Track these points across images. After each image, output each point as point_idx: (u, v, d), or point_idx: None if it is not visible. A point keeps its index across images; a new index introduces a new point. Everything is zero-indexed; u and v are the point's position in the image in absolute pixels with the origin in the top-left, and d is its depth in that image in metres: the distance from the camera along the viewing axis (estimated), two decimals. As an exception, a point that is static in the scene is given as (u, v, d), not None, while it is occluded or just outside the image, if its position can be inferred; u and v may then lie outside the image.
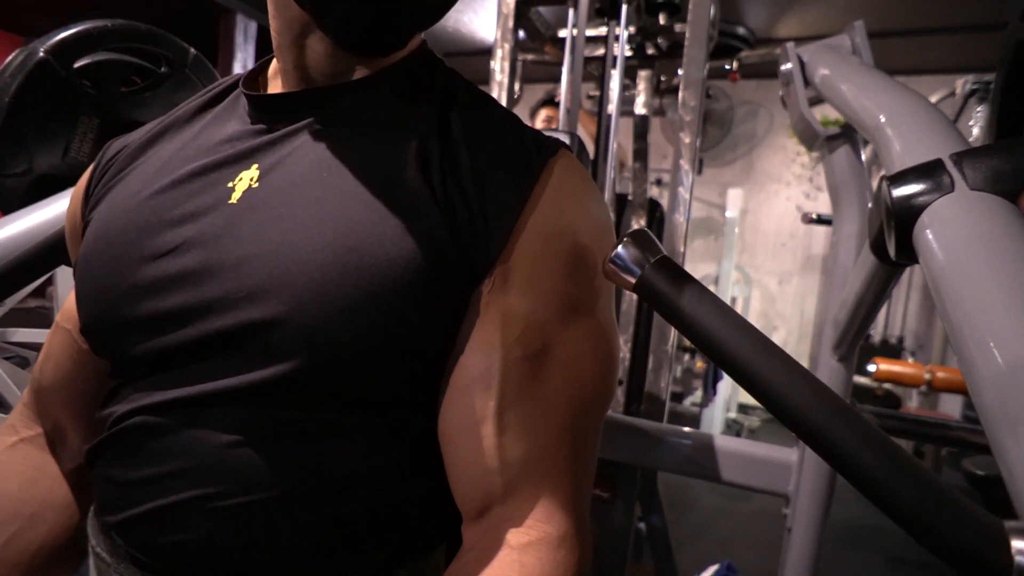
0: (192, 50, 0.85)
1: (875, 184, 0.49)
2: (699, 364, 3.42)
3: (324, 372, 0.36)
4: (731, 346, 0.28)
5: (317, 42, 0.41)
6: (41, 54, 0.66)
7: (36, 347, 2.18)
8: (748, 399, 4.10)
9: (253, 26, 3.92)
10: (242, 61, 3.90)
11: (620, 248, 0.30)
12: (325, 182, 0.39)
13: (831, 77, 0.76)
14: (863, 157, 0.86)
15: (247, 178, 0.40)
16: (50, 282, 1.78)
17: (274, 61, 0.47)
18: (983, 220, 0.36)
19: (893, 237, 0.43)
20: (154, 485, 0.37)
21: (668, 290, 0.29)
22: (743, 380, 0.28)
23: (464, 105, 0.42)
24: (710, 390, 3.25)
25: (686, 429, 0.97)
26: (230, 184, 0.40)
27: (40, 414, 0.51)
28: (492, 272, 0.38)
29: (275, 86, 0.46)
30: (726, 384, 3.41)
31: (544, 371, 0.37)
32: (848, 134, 0.85)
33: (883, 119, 0.54)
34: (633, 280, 0.30)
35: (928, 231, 0.39)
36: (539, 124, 1.95)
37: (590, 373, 0.38)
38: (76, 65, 0.70)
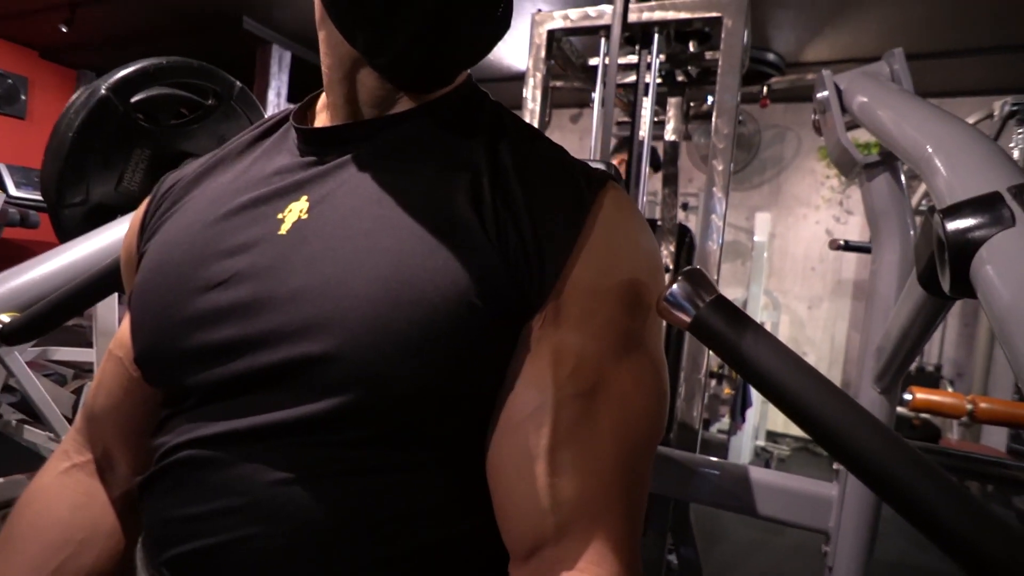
0: (238, 83, 0.88)
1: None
2: (727, 390, 3.34)
3: (376, 407, 0.36)
4: (790, 387, 0.27)
5: (367, 77, 0.43)
6: (103, 91, 0.70)
7: (74, 365, 2.24)
8: (777, 427, 3.99)
9: (288, 56, 4.08)
10: (276, 89, 4.04)
11: (675, 287, 0.30)
12: (375, 215, 0.39)
13: (870, 105, 0.75)
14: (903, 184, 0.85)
15: (296, 210, 0.41)
16: (92, 303, 1.83)
17: (322, 96, 0.48)
18: (1048, 257, 0.35)
19: (947, 271, 0.42)
20: (203, 523, 0.37)
21: (724, 330, 0.29)
22: (803, 422, 0.28)
23: (513, 137, 0.43)
24: (739, 417, 3.17)
25: (720, 460, 0.95)
26: (279, 216, 0.41)
27: (91, 440, 0.52)
28: (544, 307, 0.37)
29: (323, 120, 0.47)
30: (755, 411, 3.32)
31: (596, 409, 0.36)
32: (888, 161, 0.84)
33: (930, 149, 0.53)
34: (688, 319, 0.30)
35: (989, 266, 0.38)
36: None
37: (642, 410, 0.38)
38: (133, 100, 0.74)
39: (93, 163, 0.71)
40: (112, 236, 0.67)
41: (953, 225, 0.40)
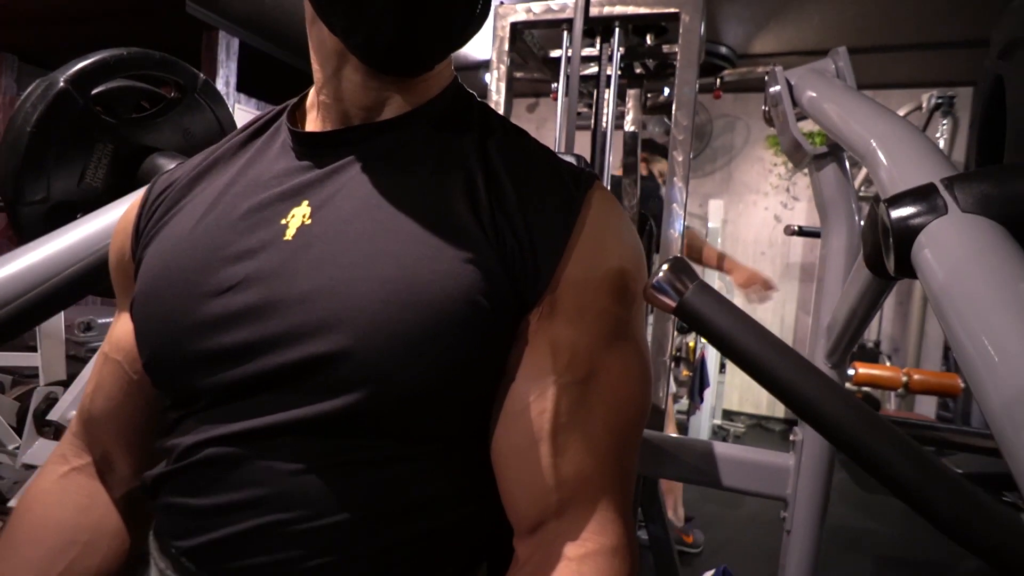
0: (201, 75, 0.86)
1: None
2: (684, 372, 3.47)
3: (387, 403, 0.38)
4: (768, 363, 0.31)
5: (352, 72, 0.43)
6: (61, 84, 0.67)
7: (12, 371, 2.12)
8: (732, 405, 4.17)
9: (235, 43, 3.92)
10: (225, 78, 3.89)
11: (661, 274, 0.33)
12: (376, 219, 0.41)
13: (818, 100, 0.81)
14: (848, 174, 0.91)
15: (299, 215, 0.42)
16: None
17: (311, 94, 0.49)
18: (977, 240, 0.40)
19: (892, 255, 0.46)
20: (230, 513, 0.39)
21: (707, 312, 0.32)
22: (777, 390, 0.31)
23: (501, 138, 0.45)
24: (697, 398, 3.29)
25: (686, 437, 1.00)
26: (283, 221, 0.42)
27: (89, 443, 0.52)
28: (540, 301, 0.40)
29: (312, 118, 0.48)
30: (711, 391, 3.46)
31: (591, 394, 0.39)
32: (835, 152, 0.90)
33: (874, 143, 0.58)
34: (674, 304, 0.33)
35: (926, 250, 0.42)
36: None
37: (632, 393, 0.41)
38: (92, 93, 0.71)
39: (53, 159, 0.69)
40: (79, 235, 0.65)
41: (896, 213, 0.45)
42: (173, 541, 0.41)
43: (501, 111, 1.33)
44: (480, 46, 3.73)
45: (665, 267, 0.33)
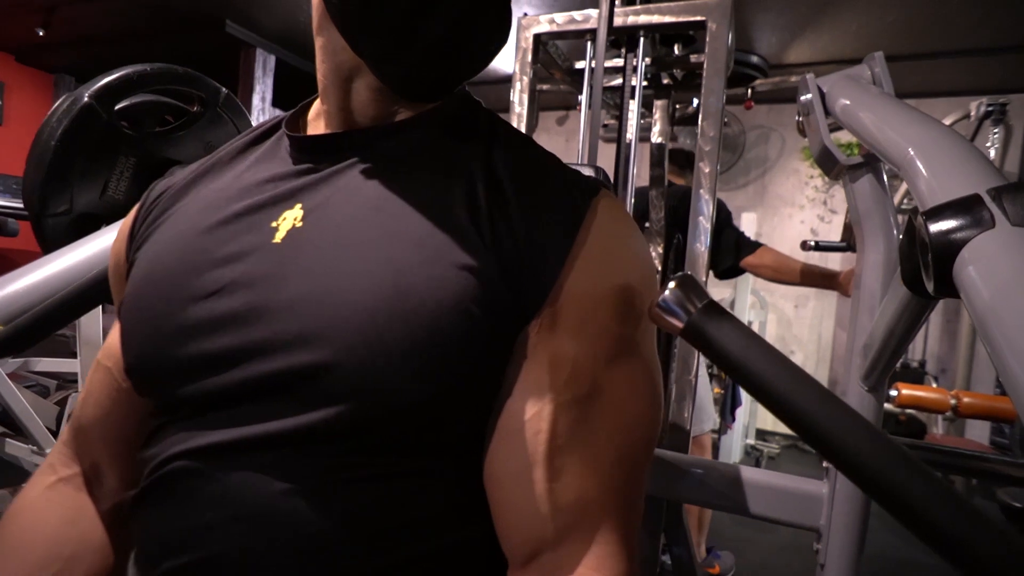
0: (224, 89, 0.88)
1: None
2: (716, 390, 3.37)
3: (373, 417, 0.36)
4: (780, 389, 0.28)
5: (364, 87, 0.43)
6: (86, 99, 0.69)
7: (57, 376, 2.21)
8: (767, 425, 4.03)
9: (272, 60, 4.05)
10: (261, 94, 4.01)
11: (667, 293, 0.31)
12: (372, 223, 0.39)
13: (852, 107, 0.77)
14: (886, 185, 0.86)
15: (291, 218, 0.41)
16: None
17: (315, 103, 0.48)
18: (1028, 257, 0.36)
19: (931, 272, 0.43)
20: (197, 534, 0.37)
21: (717, 335, 0.29)
22: (792, 422, 0.28)
23: (507, 146, 0.43)
24: (728, 417, 3.19)
25: (710, 460, 0.96)
26: (273, 224, 0.41)
27: (79, 453, 0.51)
28: (540, 314, 0.38)
29: (316, 127, 0.47)
30: (744, 410, 3.35)
31: (593, 414, 0.37)
32: (871, 163, 0.86)
33: (912, 152, 0.55)
34: (680, 325, 0.30)
35: (970, 267, 0.39)
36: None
37: (637, 415, 0.38)
38: (117, 107, 0.73)
39: (77, 172, 0.70)
40: (99, 246, 0.66)
41: (936, 227, 0.41)
42: (145, 564, 0.39)
43: (524, 124, 1.32)
44: (507, 60, 3.76)
45: (672, 284, 0.31)
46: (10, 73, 4.70)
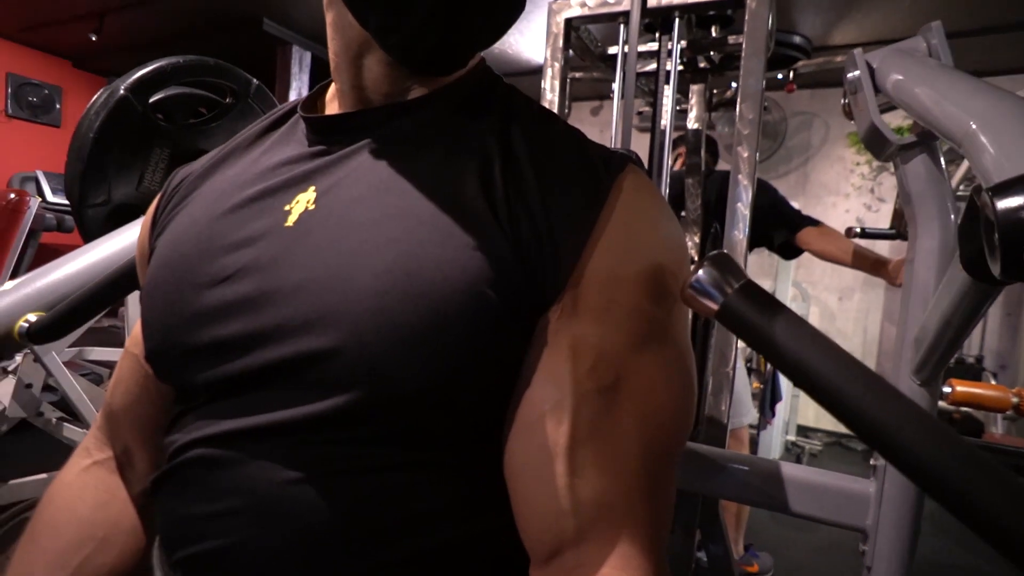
0: (255, 81, 0.89)
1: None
2: (755, 384, 3.28)
3: (385, 404, 0.35)
4: (827, 376, 0.25)
5: (375, 63, 0.41)
6: (122, 92, 0.71)
7: (110, 365, 2.31)
8: (808, 421, 3.90)
9: (308, 56, 4.12)
10: (297, 89, 4.09)
11: (701, 272, 0.28)
12: (384, 203, 0.38)
13: (906, 82, 0.72)
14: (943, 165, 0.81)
15: (304, 200, 0.40)
16: (123, 303, 1.89)
17: (332, 85, 0.47)
18: (1113, 234, 0.32)
19: (998, 253, 0.39)
20: (209, 523, 0.37)
21: (755, 317, 0.27)
22: (841, 413, 0.26)
23: (525, 121, 0.41)
24: (768, 411, 3.10)
25: (749, 455, 0.92)
26: (287, 207, 0.40)
27: (111, 437, 0.52)
28: (561, 297, 0.36)
29: (332, 108, 0.46)
30: (784, 405, 3.25)
31: (619, 405, 0.34)
32: (925, 141, 0.80)
33: (974, 125, 0.50)
34: (716, 306, 0.28)
35: (1044, 247, 0.35)
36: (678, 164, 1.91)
37: (667, 406, 0.36)
38: (151, 100, 0.75)
39: (114, 163, 0.72)
40: (132, 235, 0.68)
41: (1004, 203, 0.37)
42: (165, 550, 0.40)
43: (555, 112, 1.29)
44: (540, 49, 3.72)
45: (706, 264, 0.28)
46: (67, 78, 4.93)
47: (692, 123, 1.53)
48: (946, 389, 2.20)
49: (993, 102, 0.50)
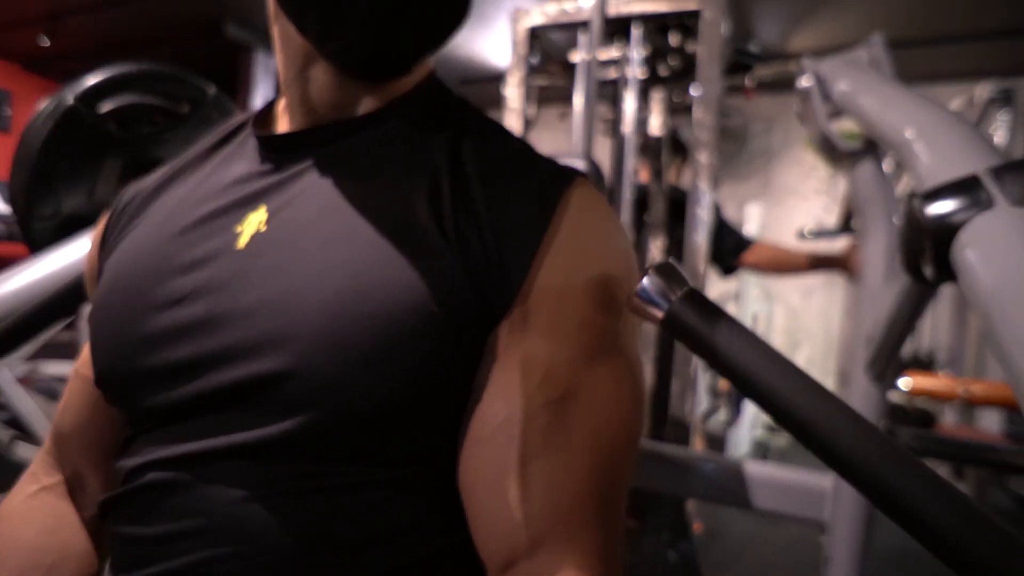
0: (212, 89, 0.87)
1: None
2: (723, 383, 3.35)
3: (337, 425, 0.35)
4: (765, 382, 0.27)
5: (321, 73, 0.41)
6: (70, 101, 0.68)
7: (65, 379, 2.23)
8: (775, 418, 4.00)
9: (272, 62, 4.05)
10: (263, 96, 4.02)
11: (646, 281, 0.29)
12: (334, 224, 0.37)
13: (851, 92, 0.75)
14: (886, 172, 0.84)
15: (255, 221, 0.39)
16: (79, 316, 1.82)
17: (283, 99, 0.47)
18: (1028, 238, 0.34)
19: (930, 256, 0.41)
20: (163, 545, 0.36)
21: (697, 324, 0.28)
22: (779, 417, 0.27)
23: (476, 136, 0.41)
24: (735, 409, 3.17)
25: (714, 454, 0.94)
26: (238, 228, 0.39)
27: (60, 461, 0.50)
28: (511, 313, 0.36)
29: (283, 122, 0.46)
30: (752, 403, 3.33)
31: (569, 417, 0.35)
32: (872, 149, 0.84)
33: (908, 134, 0.53)
34: (661, 314, 0.29)
35: (968, 250, 0.37)
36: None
37: (618, 417, 0.36)
38: (103, 110, 0.72)
39: (63, 175, 0.70)
40: (84, 248, 0.66)
41: (932, 209, 0.39)
42: (117, 574, 0.39)
43: (519, 119, 1.30)
44: (505, 54, 3.74)
45: (651, 272, 0.29)
46: (17, 82, 4.73)
47: (654, 130, 1.56)
48: (900, 382, 2.28)
49: (926, 113, 0.53)
